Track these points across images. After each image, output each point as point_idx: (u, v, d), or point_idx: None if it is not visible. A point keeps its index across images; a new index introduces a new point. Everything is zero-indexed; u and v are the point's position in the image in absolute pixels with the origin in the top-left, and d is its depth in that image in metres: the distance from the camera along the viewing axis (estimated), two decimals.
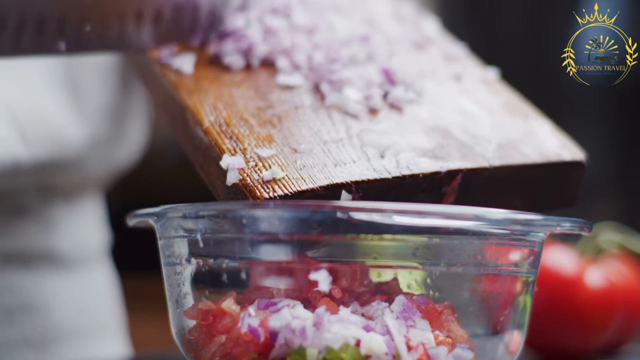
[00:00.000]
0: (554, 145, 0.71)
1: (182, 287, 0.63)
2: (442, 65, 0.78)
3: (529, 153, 0.69)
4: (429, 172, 0.65)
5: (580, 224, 0.63)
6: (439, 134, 0.69)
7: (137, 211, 0.65)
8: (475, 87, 0.76)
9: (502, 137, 0.70)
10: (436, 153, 0.67)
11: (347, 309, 0.59)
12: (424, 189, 0.65)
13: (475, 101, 0.74)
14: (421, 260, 0.61)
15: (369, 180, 0.63)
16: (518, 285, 0.63)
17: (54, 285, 0.96)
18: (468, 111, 0.72)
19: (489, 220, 0.60)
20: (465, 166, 0.66)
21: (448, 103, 0.73)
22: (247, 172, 0.64)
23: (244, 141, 0.66)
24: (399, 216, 0.59)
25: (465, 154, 0.67)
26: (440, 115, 0.71)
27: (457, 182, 0.66)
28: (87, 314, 0.99)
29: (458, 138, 0.69)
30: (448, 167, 0.66)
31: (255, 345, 0.58)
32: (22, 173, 0.89)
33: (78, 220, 0.99)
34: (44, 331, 0.96)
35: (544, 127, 0.73)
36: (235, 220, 0.60)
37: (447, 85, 0.75)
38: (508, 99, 0.76)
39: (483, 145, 0.69)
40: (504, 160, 0.68)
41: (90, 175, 0.98)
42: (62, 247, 0.97)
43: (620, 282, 0.90)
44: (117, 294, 1.05)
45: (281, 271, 0.61)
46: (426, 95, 0.73)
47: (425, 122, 0.70)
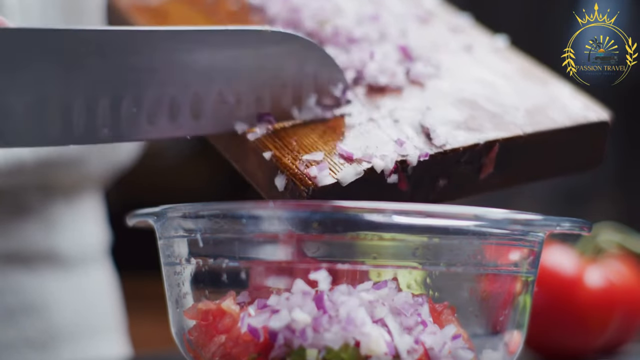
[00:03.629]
0: (578, 107, 0.72)
1: (182, 287, 0.63)
2: (450, 38, 0.78)
3: (557, 117, 0.70)
4: (468, 144, 0.66)
5: (580, 224, 0.63)
6: (467, 105, 0.69)
7: (137, 211, 0.65)
8: (487, 56, 0.77)
9: (528, 104, 0.71)
10: (469, 125, 0.67)
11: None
12: (464, 161, 0.66)
13: (491, 70, 0.75)
14: (421, 260, 0.61)
15: (412, 158, 0.64)
16: (518, 285, 0.63)
17: (54, 285, 0.96)
18: (487, 80, 0.73)
19: (489, 220, 0.60)
20: (501, 136, 0.67)
21: (465, 74, 0.74)
22: (290, 161, 0.64)
23: (279, 131, 0.66)
24: (399, 216, 0.59)
25: (497, 123, 0.68)
26: (462, 87, 0.72)
27: (495, 152, 0.67)
28: (86, 314, 0.99)
29: (486, 108, 0.70)
30: (486, 138, 0.67)
31: (255, 345, 0.58)
32: (25, 172, 0.89)
33: (78, 219, 0.99)
34: (44, 331, 0.96)
35: (564, 90, 0.74)
36: (235, 220, 0.60)
37: (460, 57, 0.76)
38: (522, 65, 0.77)
39: (512, 113, 0.70)
40: (535, 126, 0.69)
41: (90, 174, 0.98)
42: (62, 247, 0.97)
43: (620, 282, 0.90)
44: (116, 294, 1.05)
45: (281, 271, 0.61)
46: (443, 69, 0.73)
47: (449, 95, 0.71)
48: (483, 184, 0.68)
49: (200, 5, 0.80)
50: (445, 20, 0.81)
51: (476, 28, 0.81)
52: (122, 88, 0.62)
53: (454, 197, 0.67)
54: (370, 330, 0.57)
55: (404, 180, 0.64)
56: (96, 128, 0.62)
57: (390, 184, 0.64)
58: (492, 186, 0.69)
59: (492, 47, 0.78)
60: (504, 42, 0.79)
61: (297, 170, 0.63)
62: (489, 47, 0.78)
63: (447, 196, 0.66)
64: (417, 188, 0.65)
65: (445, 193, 0.66)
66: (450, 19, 0.82)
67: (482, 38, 0.80)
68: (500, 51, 0.78)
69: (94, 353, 0.99)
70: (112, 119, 0.62)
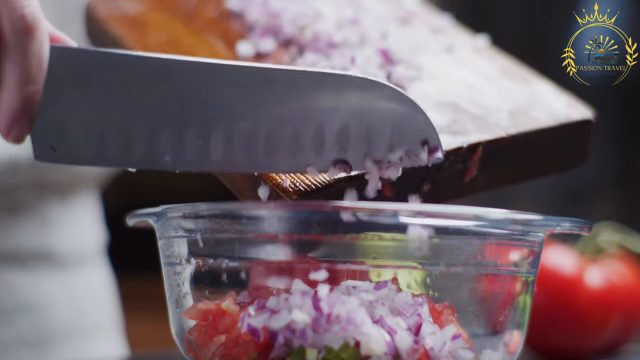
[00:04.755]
0: (561, 106, 0.72)
1: (182, 287, 0.63)
2: (431, 38, 0.78)
3: (540, 117, 0.70)
4: (451, 148, 0.66)
5: (580, 223, 0.63)
6: (449, 108, 0.69)
7: (137, 211, 0.65)
8: (469, 56, 0.77)
9: (511, 104, 0.71)
10: (452, 128, 0.67)
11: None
12: (448, 165, 0.66)
13: (473, 71, 0.74)
14: (421, 260, 0.61)
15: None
16: (518, 285, 0.63)
17: (50, 285, 0.96)
18: (469, 82, 0.73)
19: (489, 220, 0.60)
20: (485, 138, 0.67)
21: (447, 76, 0.73)
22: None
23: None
24: (399, 216, 0.59)
25: (481, 125, 0.68)
26: (444, 89, 0.71)
27: (479, 155, 0.67)
28: (83, 313, 0.99)
29: (469, 110, 0.69)
30: (468, 141, 0.66)
31: (255, 345, 0.58)
32: (20, 170, 0.89)
33: (73, 218, 0.99)
34: (40, 331, 0.96)
35: (546, 89, 0.74)
36: (235, 220, 0.60)
37: (442, 58, 0.76)
38: (504, 64, 0.76)
39: (495, 114, 0.69)
40: (518, 127, 0.69)
41: (85, 172, 0.97)
42: (58, 246, 0.97)
43: (619, 282, 0.90)
44: (113, 294, 1.05)
45: (281, 271, 0.61)
46: (425, 71, 0.73)
47: (432, 98, 0.70)
48: (467, 186, 0.68)
49: (178, 13, 0.79)
50: (426, 20, 0.80)
51: (457, 28, 0.81)
52: (187, 119, 0.61)
53: (439, 200, 0.66)
54: (370, 330, 0.57)
55: (388, 186, 0.63)
56: (157, 155, 0.61)
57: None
58: (477, 188, 0.68)
59: (473, 47, 0.78)
60: (485, 42, 0.79)
61: (280, 180, 0.63)
62: (470, 47, 0.78)
63: (432, 200, 0.66)
64: (401, 194, 0.64)
65: (430, 197, 0.66)
66: (432, 19, 0.81)
67: (464, 38, 0.79)
68: (481, 51, 0.78)
69: (91, 353, 0.99)
70: (175, 148, 0.61)
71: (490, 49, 0.78)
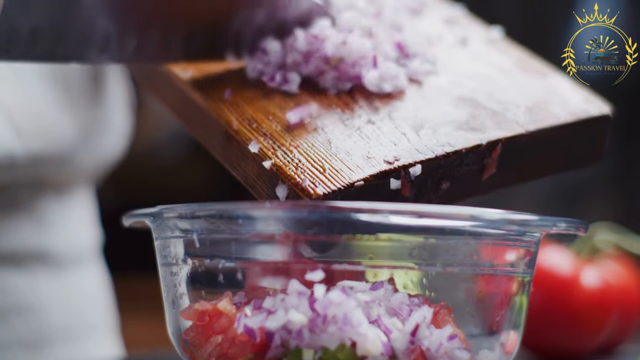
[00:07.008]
0: (579, 101, 0.71)
1: (179, 288, 0.63)
2: (444, 30, 0.77)
3: (559, 113, 0.69)
4: (470, 146, 0.65)
5: (576, 224, 0.63)
6: (466, 103, 0.68)
7: (134, 211, 0.65)
8: (483, 48, 0.76)
9: (529, 100, 0.70)
10: (471, 125, 0.66)
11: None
12: (467, 163, 0.65)
13: (488, 63, 0.73)
14: (417, 261, 0.61)
15: (415, 163, 0.63)
16: (514, 285, 0.63)
17: (46, 285, 0.96)
18: (485, 75, 0.72)
19: (485, 221, 0.60)
20: (504, 135, 0.66)
21: (463, 69, 0.72)
22: (292, 170, 0.63)
23: (279, 138, 0.65)
24: (395, 216, 0.58)
25: (499, 122, 0.67)
26: (460, 83, 0.70)
27: (498, 152, 0.66)
28: (79, 314, 0.99)
29: (487, 106, 0.68)
30: (487, 138, 0.66)
31: (252, 346, 0.58)
32: (16, 168, 0.89)
33: (69, 217, 0.99)
34: (36, 332, 0.95)
35: (563, 84, 0.73)
36: (231, 220, 0.60)
37: (456, 50, 0.75)
38: (519, 57, 0.75)
39: (513, 110, 0.68)
40: (537, 123, 0.68)
41: (80, 169, 0.97)
42: (54, 246, 0.97)
43: (616, 282, 0.90)
44: (109, 294, 1.05)
45: (277, 272, 0.61)
46: (440, 64, 0.72)
47: (448, 92, 0.69)
48: (485, 184, 0.67)
49: None
50: (438, 11, 0.79)
51: (470, 19, 0.80)
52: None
53: (457, 199, 0.66)
54: (367, 330, 0.57)
55: (407, 185, 0.63)
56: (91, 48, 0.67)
57: (394, 190, 0.63)
58: (495, 186, 0.68)
59: (487, 39, 0.77)
60: (499, 34, 0.78)
61: (299, 179, 0.63)
62: (484, 39, 0.77)
63: (450, 199, 0.65)
64: (420, 193, 0.64)
65: (448, 196, 0.65)
66: (444, 10, 0.80)
67: (477, 29, 0.78)
68: (496, 43, 0.77)
69: (87, 353, 0.99)
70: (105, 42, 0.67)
71: (504, 41, 0.77)
